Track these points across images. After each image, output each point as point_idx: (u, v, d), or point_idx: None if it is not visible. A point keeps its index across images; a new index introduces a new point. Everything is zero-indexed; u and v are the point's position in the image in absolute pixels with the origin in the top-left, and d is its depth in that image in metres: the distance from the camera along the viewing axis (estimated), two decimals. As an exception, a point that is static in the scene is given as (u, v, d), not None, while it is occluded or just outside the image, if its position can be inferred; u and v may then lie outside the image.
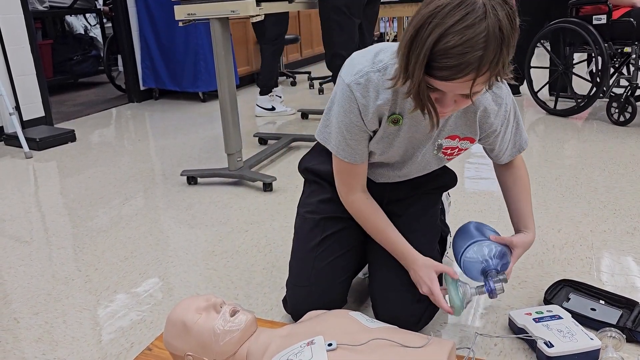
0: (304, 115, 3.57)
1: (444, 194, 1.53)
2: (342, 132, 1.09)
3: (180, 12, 2.10)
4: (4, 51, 3.24)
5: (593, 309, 1.26)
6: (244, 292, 1.45)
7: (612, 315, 1.23)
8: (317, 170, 1.28)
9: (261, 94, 3.62)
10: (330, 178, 1.23)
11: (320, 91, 4.52)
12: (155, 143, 3.11)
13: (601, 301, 1.29)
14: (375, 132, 1.10)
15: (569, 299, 1.31)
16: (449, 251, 1.49)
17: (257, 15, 2.06)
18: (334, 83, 2.43)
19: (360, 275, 1.47)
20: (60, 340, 1.28)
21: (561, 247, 1.59)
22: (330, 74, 2.73)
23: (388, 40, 7.89)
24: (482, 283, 1.13)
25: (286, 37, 4.50)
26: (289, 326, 1.07)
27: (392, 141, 1.11)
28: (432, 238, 1.28)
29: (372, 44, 1.21)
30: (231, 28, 4.32)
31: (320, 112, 3.45)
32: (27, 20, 3.40)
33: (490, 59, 0.81)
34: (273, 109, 3.64)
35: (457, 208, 1.91)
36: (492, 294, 1.11)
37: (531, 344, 1.15)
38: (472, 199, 1.99)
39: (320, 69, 5.70)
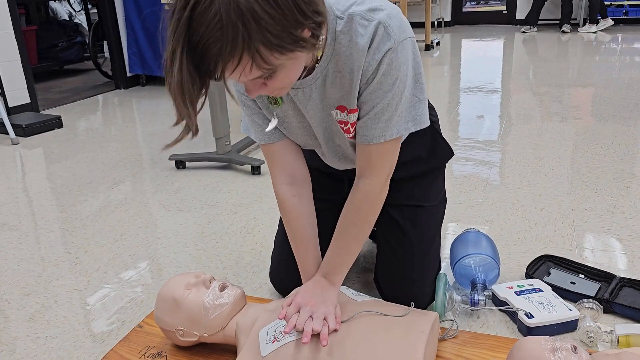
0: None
1: None
2: (243, 108, 1.04)
3: (166, -4, 2.09)
4: (-13, 37, 3.21)
5: (573, 283, 1.30)
6: (233, 271, 1.47)
7: (591, 288, 1.27)
8: None
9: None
10: (309, 159, 1.17)
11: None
12: (143, 129, 3.10)
13: (580, 275, 1.33)
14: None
15: (550, 273, 1.35)
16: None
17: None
18: None
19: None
20: (51, 320, 1.29)
21: (543, 224, 1.63)
22: None
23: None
24: (468, 290, 1.23)
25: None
26: (276, 301, 1.09)
27: (285, 120, 1.01)
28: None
29: None
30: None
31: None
32: (10, 5, 3.35)
33: (234, 44, 0.67)
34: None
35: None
36: (475, 305, 1.19)
37: (512, 315, 1.19)
38: (457, 180, 2.02)
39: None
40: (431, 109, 1.21)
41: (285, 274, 1.22)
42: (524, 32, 6.53)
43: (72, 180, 2.27)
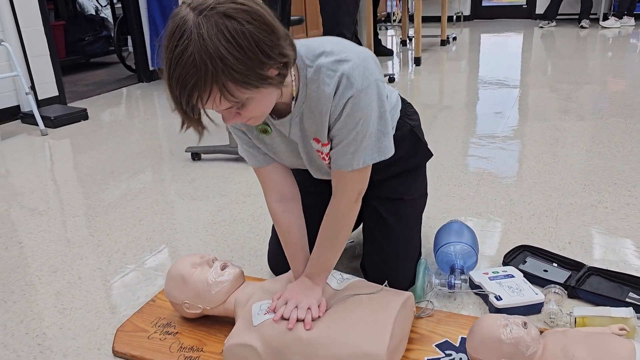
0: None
1: None
2: (237, 139, 1.18)
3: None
4: (19, 33, 3.41)
5: (545, 270, 1.42)
6: (238, 254, 1.62)
7: (561, 275, 1.39)
8: None
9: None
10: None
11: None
12: (163, 121, 3.28)
13: (554, 264, 1.45)
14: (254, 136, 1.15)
15: (526, 261, 1.47)
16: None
17: None
18: None
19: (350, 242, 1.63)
20: (76, 294, 1.46)
21: (528, 217, 1.74)
22: None
23: (394, 21, 7.94)
24: (447, 275, 1.36)
25: (291, 18, 4.61)
26: (270, 280, 1.24)
27: (273, 148, 1.15)
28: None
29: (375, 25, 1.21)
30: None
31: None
32: (40, 2, 3.55)
33: (205, 79, 0.81)
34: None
35: (438, 183, 2.06)
36: (451, 288, 1.32)
37: (485, 298, 1.31)
38: (453, 174, 2.13)
39: (325, 50, 5.79)
40: (413, 114, 1.34)
41: (280, 259, 1.36)
42: (541, 27, 6.53)
43: (96, 170, 2.45)
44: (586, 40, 5.42)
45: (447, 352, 1.14)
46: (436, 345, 1.16)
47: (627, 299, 1.27)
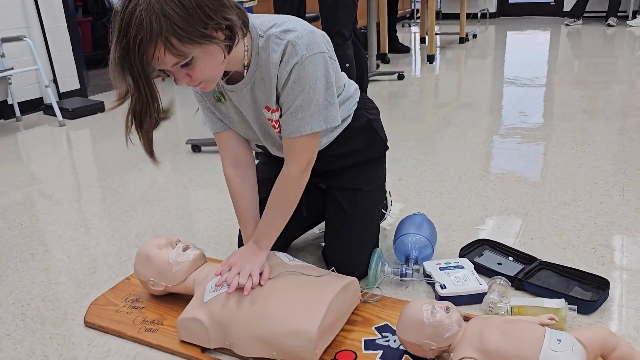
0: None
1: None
2: (199, 104, 1.27)
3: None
4: (42, 29, 3.60)
5: (499, 264, 1.47)
6: (214, 240, 1.73)
7: (513, 268, 1.44)
8: None
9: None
10: None
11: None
12: (173, 115, 3.42)
13: (510, 258, 1.49)
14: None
15: (482, 254, 1.52)
16: (390, 210, 1.72)
17: (250, 1, 2.29)
18: None
19: (315, 230, 1.71)
20: (62, 271, 1.60)
21: (499, 213, 1.79)
22: None
23: (418, 18, 7.92)
24: (402, 264, 1.44)
25: (307, 15, 4.69)
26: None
27: (229, 115, 1.24)
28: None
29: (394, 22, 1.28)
30: (258, 8, 4.56)
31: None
32: (64, 3, 3.74)
33: (151, 34, 0.90)
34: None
35: (420, 177, 2.12)
36: (403, 277, 1.39)
37: (433, 286, 1.37)
38: (435, 169, 2.18)
39: (344, 46, 5.85)
40: (372, 108, 1.42)
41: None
42: (567, 24, 6.43)
43: (102, 159, 2.60)
44: (613, 39, 5.32)
45: (384, 334, 1.21)
46: (376, 328, 1.23)
47: (572, 293, 1.31)
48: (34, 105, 3.64)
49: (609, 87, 3.40)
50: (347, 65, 2.63)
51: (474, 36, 5.95)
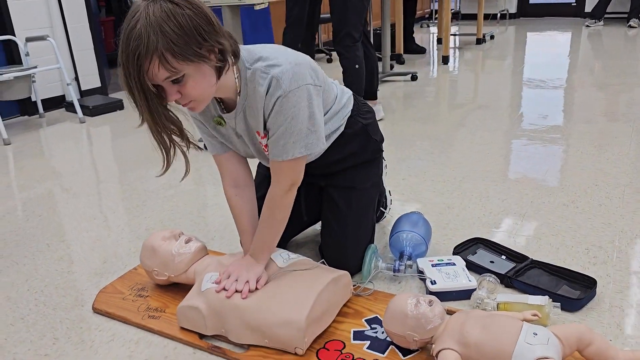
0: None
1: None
2: (198, 129, 1.34)
3: (198, 0, 2.44)
4: (65, 29, 3.73)
5: (492, 262, 1.51)
6: (219, 234, 1.80)
7: (505, 266, 1.48)
8: None
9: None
10: None
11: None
12: (186, 114, 3.51)
13: (502, 256, 1.53)
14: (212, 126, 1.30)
15: (476, 253, 1.56)
16: (389, 209, 1.77)
17: (261, 3, 2.36)
18: (340, 61, 2.67)
19: (317, 227, 1.77)
20: (75, 260, 1.68)
21: (497, 213, 1.82)
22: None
23: (437, 20, 7.91)
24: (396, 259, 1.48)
25: (322, 16, 4.74)
26: (227, 255, 1.41)
27: (229, 137, 1.31)
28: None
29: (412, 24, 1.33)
30: (274, 8, 4.64)
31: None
32: (86, 3, 3.86)
33: (147, 48, 0.97)
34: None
35: (424, 177, 2.16)
36: (396, 272, 1.44)
37: (424, 282, 1.42)
38: (439, 169, 2.22)
39: (361, 47, 5.89)
40: (366, 112, 1.47)
41: None
42: (587, 25, 6.36)
43: (118, 156, 2.70)
44: (635, 41, 5.26)
45: (373, 326, 1.26)
46: (365, 320, 1.29)
47: (559, 292, 1.35)
48: (56, 103, 3.78)
49: (631, 90, 3.38)
50: (357, 66, 2.68)
51: (492, 37, 5.93)
